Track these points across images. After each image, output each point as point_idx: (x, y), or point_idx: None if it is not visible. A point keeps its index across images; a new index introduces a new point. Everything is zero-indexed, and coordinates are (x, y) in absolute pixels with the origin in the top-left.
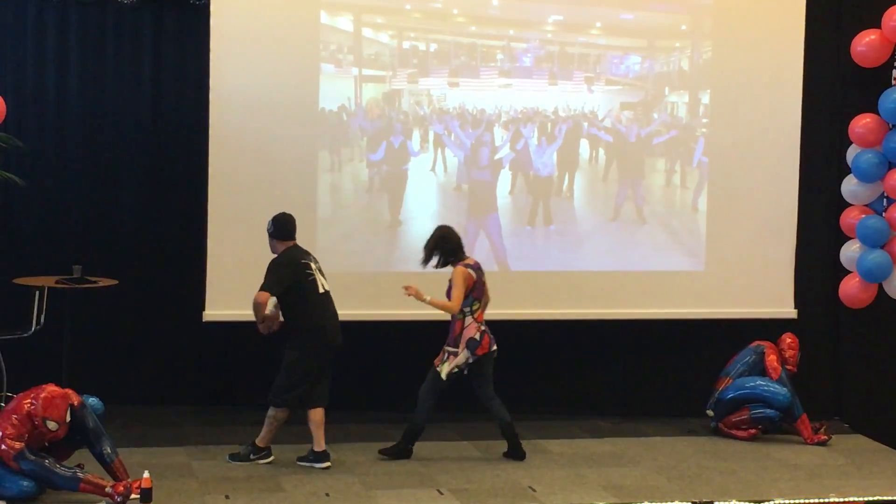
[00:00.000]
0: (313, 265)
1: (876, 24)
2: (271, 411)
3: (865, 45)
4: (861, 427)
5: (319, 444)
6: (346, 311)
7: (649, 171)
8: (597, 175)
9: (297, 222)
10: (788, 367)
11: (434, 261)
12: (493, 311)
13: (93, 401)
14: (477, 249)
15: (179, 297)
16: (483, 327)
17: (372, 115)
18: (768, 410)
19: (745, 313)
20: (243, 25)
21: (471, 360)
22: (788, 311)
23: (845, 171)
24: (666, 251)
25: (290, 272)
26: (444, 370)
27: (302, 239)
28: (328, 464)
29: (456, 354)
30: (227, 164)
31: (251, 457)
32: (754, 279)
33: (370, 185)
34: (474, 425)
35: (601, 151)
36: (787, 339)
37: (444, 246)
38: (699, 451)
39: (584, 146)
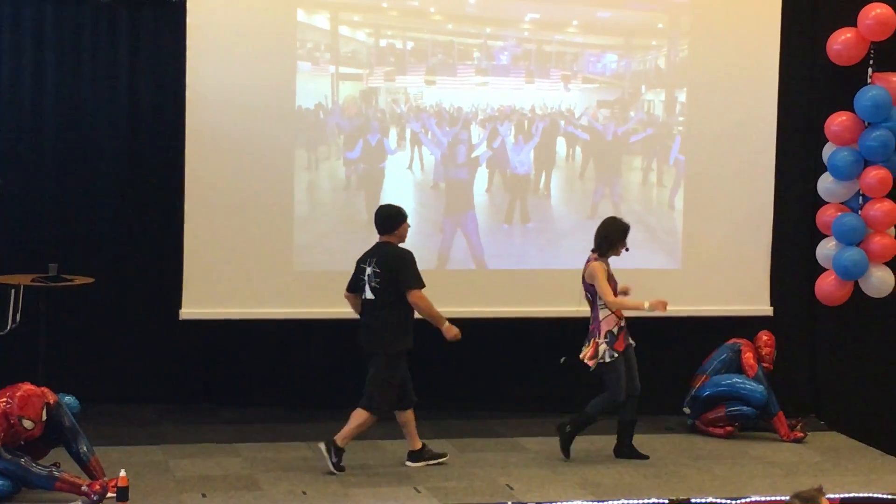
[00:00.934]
0: (369, 269)
1: (852, 23)
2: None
3: (841, 43)
4: (837, 424)
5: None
6: (323, 308)
7: (626, 169)
8: (574, 173)
9: (273, 218)
10: (765, 365)
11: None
12: (470, 309)
13: (69, 399)
14: (454, 247)
15: (156, 296)
16: (623, 324)
17: (349, 113)
18: (745, 408)
19: (721, 311)
20: (220, 23)
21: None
22: (764, 308)
23: (821, 168)
24: (642, 249)
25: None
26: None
27: (279, 237)
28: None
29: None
30: (203, 162)
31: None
32: (731, 277)
33: (347, 184)
34: (451, 423)
35: (578, 149)
36: (764, 336)
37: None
38: (676, 449)
39: (561, 144)
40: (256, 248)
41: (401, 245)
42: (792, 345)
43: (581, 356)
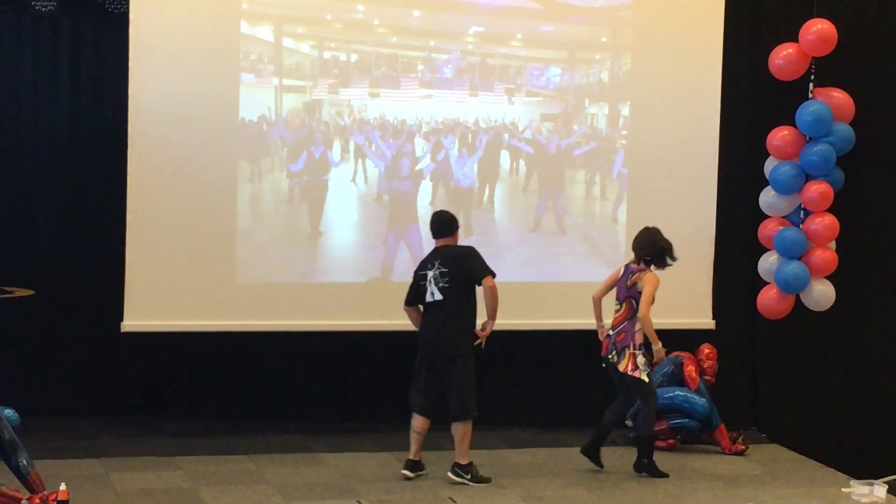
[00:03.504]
0: (431, 272)
1: (793, 38)
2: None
3: (783, 58)
4: (778, 437)
5: (461, 456)
6: (266, 321)
7: (569, 182)
8: (517, 186)
9: (216, 231)
10: (707, 378)
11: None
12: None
13: (8, 412)
14: (397, 260)
15: (97, 308)
16: (611, 332)
17: (292, 125)
18: (687, 420)
19: (663, 324)
20: (163, 34)
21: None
22: (706, 321)
23: (763, 183)
24: (585, 262)
25: (414, 281)
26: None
27: (221, 249)
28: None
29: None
30: (145, 174)
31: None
32: (673, 290)
33: (290, 196)
34: (393, 436)
35: (521, 163)
36: (706, 349)
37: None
38: (619, 462)
39: (505, 157)
40: (199, 261)
41: None
42: (734, 358)
43: (621, 369)
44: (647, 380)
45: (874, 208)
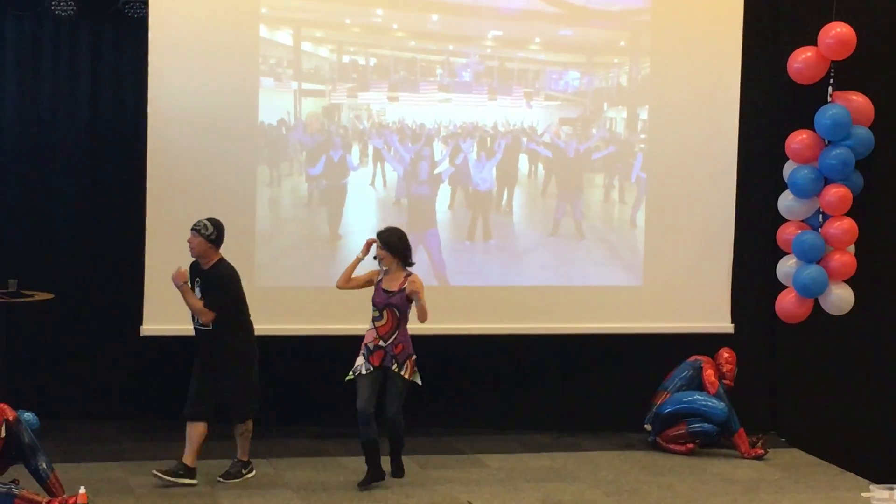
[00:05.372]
0: None
1: (812, 42)
2: (241, 428)
3: (802, 62)
4: (797, 441)
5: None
6: (284, 325)
7: (588, 186)
8: (536, 190)
9: (235, 234)
10: (725, 382)
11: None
12: (433, 326)
13: (28, 416)
14: (416, 264)
15: (116, 312)
16: (382, 343)
17: (311, 129)
18: (706, 425)
19: (682, 328)
20: (182, 38)
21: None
22: (725, 325)
23: (782, 186)
24: (604, 266)
25: (238, 287)
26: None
27: (240, 253)
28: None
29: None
30: (165, 178)
31: (242, 472)
32: (692, 294)
33: (309, 200)
34: (412, 440)
35: (540, 166)
36: (725, 353)
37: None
38: (637, 466)
39: (524, 161)
40: None
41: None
42: (753, 362)
43: (407, 377)
44: (419, 382)
45: (893, 212)
